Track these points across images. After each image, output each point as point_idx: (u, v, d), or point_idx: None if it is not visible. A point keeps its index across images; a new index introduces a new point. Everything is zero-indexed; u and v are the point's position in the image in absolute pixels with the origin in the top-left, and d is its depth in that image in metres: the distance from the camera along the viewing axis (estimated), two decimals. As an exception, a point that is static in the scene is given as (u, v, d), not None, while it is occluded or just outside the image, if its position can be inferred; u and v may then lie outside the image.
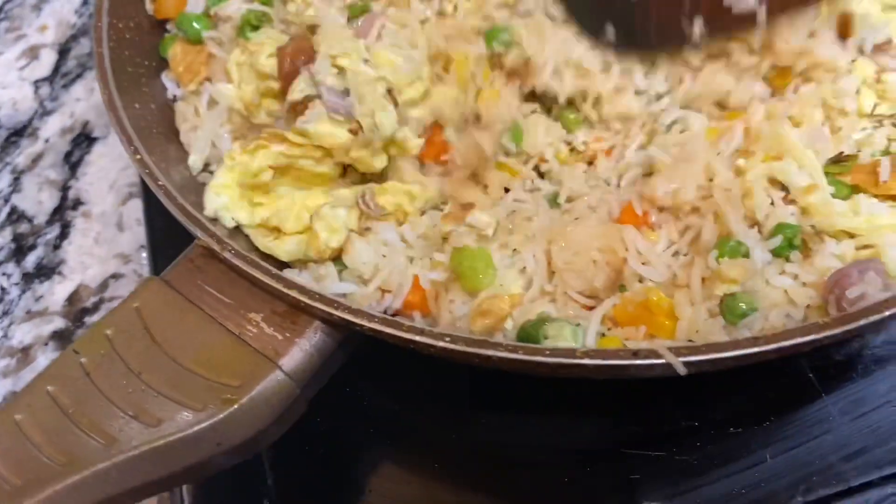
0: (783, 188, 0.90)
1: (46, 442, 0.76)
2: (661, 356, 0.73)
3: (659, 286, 0.88)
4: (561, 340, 0.83)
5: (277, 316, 0.83)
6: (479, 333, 0.87)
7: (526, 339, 0.84)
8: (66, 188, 1.37)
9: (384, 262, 0.94)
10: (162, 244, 1.16)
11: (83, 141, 1.43)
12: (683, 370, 0.73)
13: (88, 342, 0.82)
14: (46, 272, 1.28)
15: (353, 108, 0.95)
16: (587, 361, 0.74)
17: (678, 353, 0.73)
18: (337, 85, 0.95)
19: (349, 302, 0.84)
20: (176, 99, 1.13)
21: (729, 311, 0.84)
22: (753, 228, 0.89)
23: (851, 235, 0.88)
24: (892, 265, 0.84)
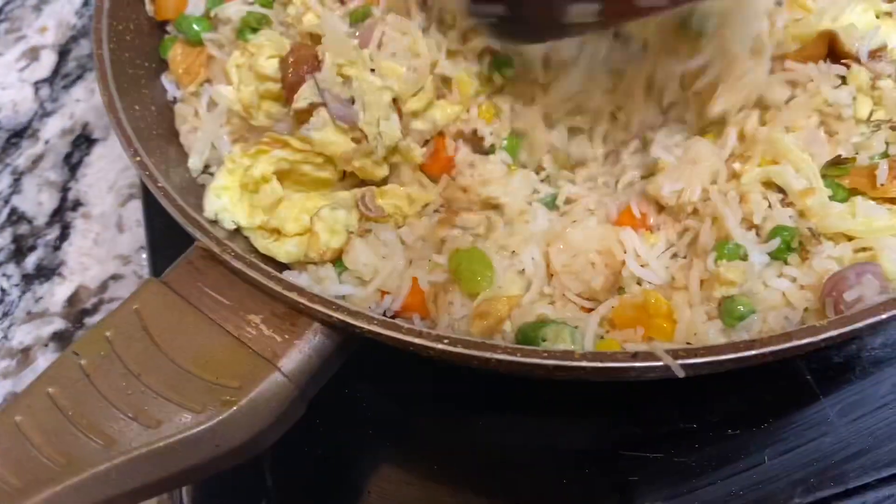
0: (781, 191, 0.91)
1: (46, 443, 0.76)
2: (659, 359, 0.73)
3: (657, 288, 0.89)
4: (559, 342, 0.83)
5: (276, 318, 0.83)
6: (477, 335, 0.87)
7: (524, 341, 0.85)
8: (65, 189, 1.38)
9: (383, 263, 0.94)
10: (161, 245, 1.16)
11: (83, 142, 1.43)
12: (681, 373, 0.73)
13: (88, 344, 0.82)
14: (46, 273, 1.28)
15: (357, 116, 0.95)
16: (585, 364, 0.74)
17: (676, 355, 0.73)
18: (342, 93, 0.95)
19: (348, 304, 0.85)
20: (176, 100, 1.13)
21: (727, 313, 0.84)
22: (751, 231, 0.89)
23: (849, 238, 0.88)
24: (889, 268, 0.84)
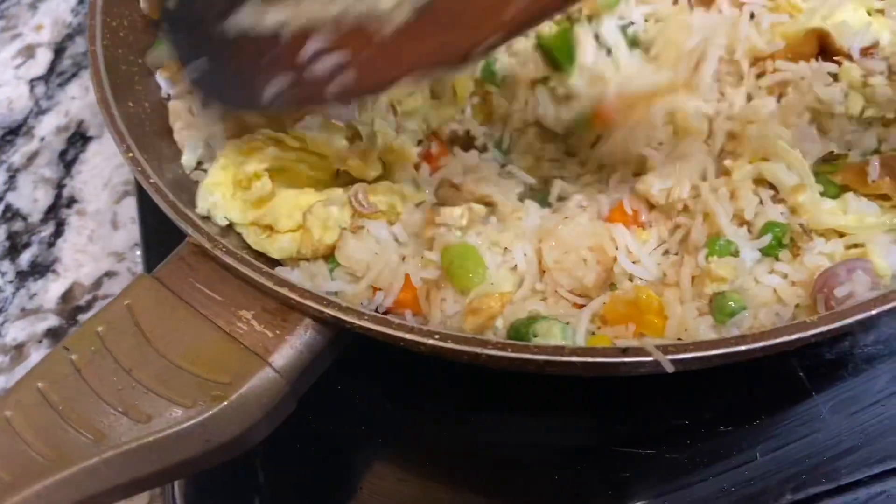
0: (772, 187, 0.91)
1: (36, 438, 0.76)
2: (649, 354, 0.73)
3: (649, 285, 0.89)
4: (551, 338, 0.83)
5: (268, 313, 0.83)
6: (469, 332, 0.87)
7: (516, 337, 0.85)
8: (60, 186, 1.37)
9: (376, 259, 0.94)
10: (156, 242, 1.16)
11: (78, 139, 1.43)
12: (671, 368, 0.73)
13: (79, 339, 0.82)
14: (41, 270, 1.28)
15: (352, 115, 0.95)
16: (575, 359, 0.74)
17: (666, 350, 0.73)
18: None
19: (340, 300, 0.85)
20: (170, 97, 1.13)
21: (718, 309, 0.84)
22: (743, 227, 0.89)
23: (840, 234, 0.88)
24: (880, 264, 0.84)
